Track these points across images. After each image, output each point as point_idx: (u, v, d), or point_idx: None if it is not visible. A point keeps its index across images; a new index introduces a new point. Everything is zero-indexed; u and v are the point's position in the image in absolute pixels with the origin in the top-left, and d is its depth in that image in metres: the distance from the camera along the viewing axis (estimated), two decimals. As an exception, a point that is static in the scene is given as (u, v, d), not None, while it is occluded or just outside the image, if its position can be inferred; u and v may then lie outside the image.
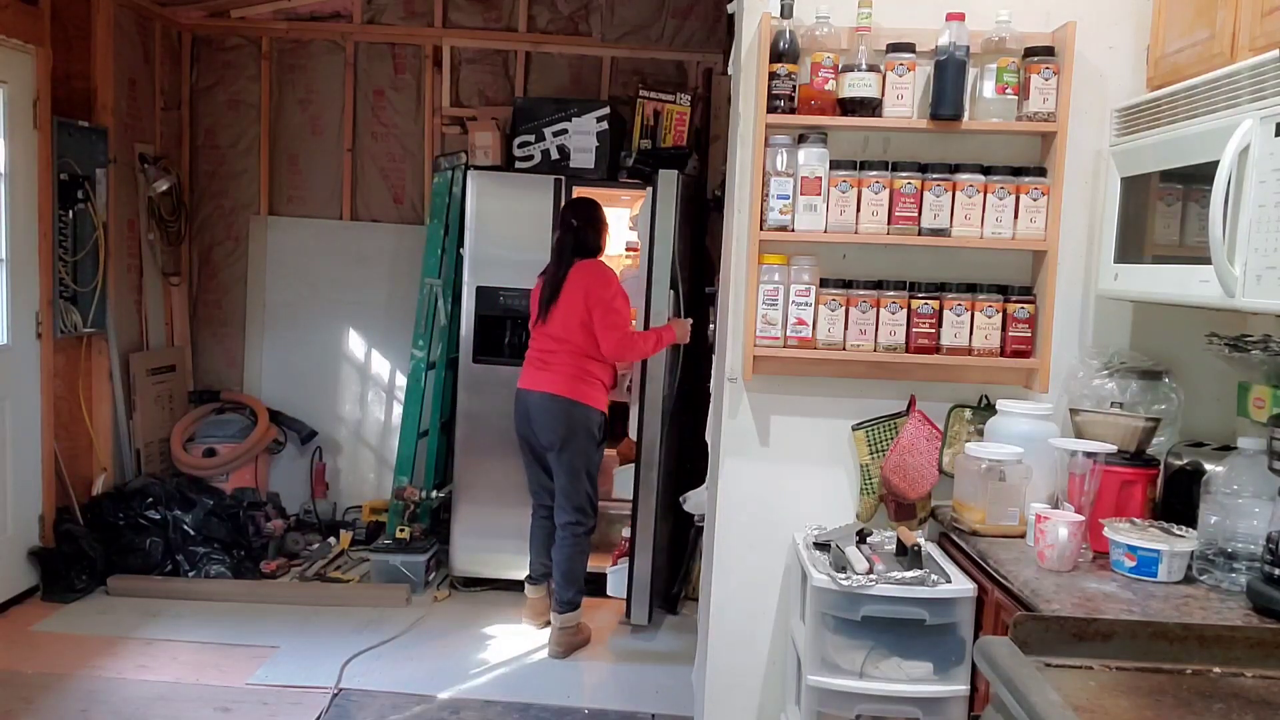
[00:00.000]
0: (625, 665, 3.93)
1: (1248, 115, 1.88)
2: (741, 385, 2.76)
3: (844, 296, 2.63)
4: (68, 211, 4.43)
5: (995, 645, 1.59)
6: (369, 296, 5.40)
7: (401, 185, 5.36)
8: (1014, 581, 2.10)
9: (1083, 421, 2.43)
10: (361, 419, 5.44)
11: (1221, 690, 1.53)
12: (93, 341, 4.69)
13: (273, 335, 5.44)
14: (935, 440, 2.69)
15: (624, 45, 5.16)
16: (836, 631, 2.38)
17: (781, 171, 2.58)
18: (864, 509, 2.76)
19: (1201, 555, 2.08)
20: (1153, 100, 2.33)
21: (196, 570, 4.49)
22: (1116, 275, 2.42)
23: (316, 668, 3.72)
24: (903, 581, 2.32)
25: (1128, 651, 1.62)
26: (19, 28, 4.11)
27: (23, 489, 4.25)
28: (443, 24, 5.26)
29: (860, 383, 2.74)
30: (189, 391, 5.40)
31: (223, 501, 4.81)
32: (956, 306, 2.61)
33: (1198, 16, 2.23)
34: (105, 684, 3.53)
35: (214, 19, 5.30)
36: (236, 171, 5.41)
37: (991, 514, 2.38)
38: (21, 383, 4.24)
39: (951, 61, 2.51)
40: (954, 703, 2.33)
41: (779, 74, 2.55)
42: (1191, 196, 2.12)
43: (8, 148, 4.08)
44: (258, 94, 5.35)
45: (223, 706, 3.42)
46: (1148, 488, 2.32)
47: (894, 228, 2.60)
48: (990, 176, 2.59)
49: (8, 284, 4.14)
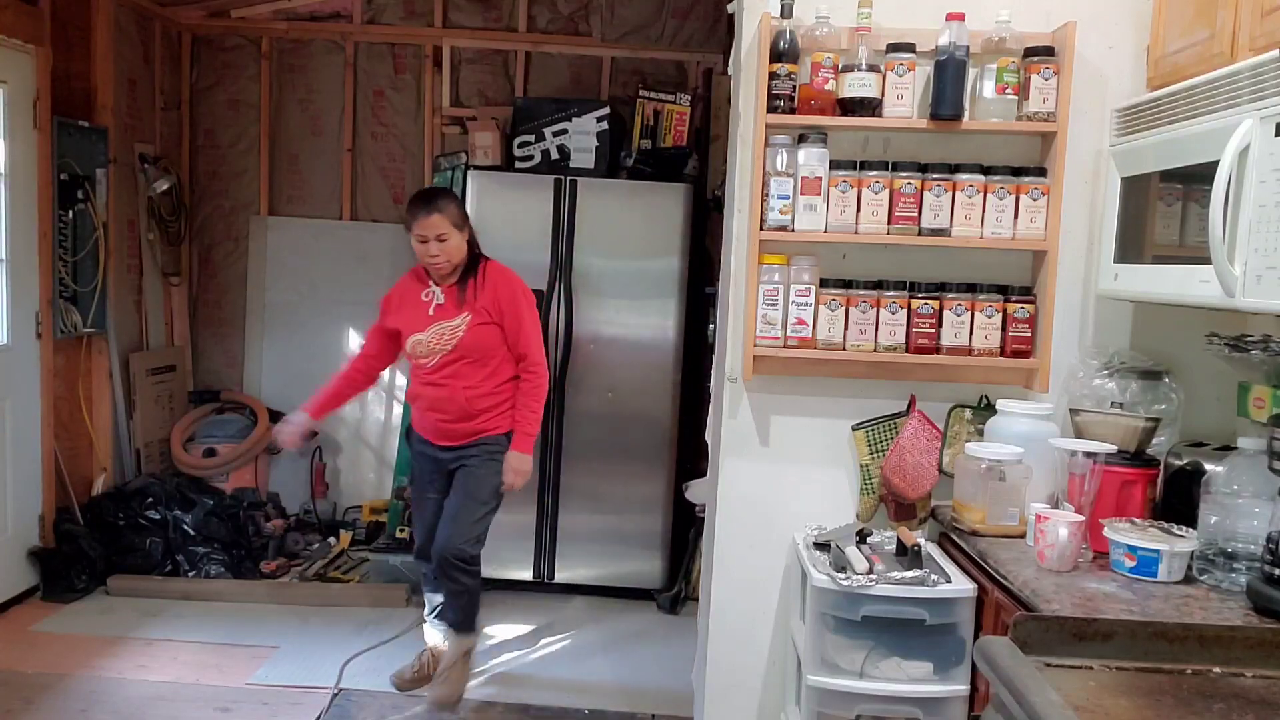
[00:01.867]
0: (625, 665, 3.93)
1: (1248, 115, 1.88)
2: (741, 385, 2.76)
3: (844, 296, 2.63)
4: (68, 211, 4.43)
5: (995, 645, 1.59)
6: (369, 296, 5.33)
7: (401, 185, 5.36)
8: (1014, 581, 2.10)
9: (1083, 421, 2.43)
10: (361, 419, 5.43)
11: (1221, 690, 1.53)
12: (93, 341, 4.69)
13: (273, 335, 5.44)
14: (935, 440, 2.69)
15: (624, 45, 5.16)
16: (836, 631, 2.38)
17: (781, 171, 2.58)
18: (864, 509, 2.76)
19: (1201, 555, 2.08)
20: (1153, 100, 2.32)
21: (196, 570, 4.48)
22: (1116, 275, 2.42)
23: (316, 668, 3.72)
24: (903, 581, 2.32)
25: (1128, 651, 1.62)
26: (19, 28, 4.10)
27: (23, 489, 4.25)
28: (443, 24, 5.26)
29: (860, 383, 2.74)
30: (189, 391, 5.40)
31: (223, 501, 4.81)
32: (956, 306, 2.61)
33: (1198, 16, 2.23)
34: (105, 684, 3.53)
35: (214, 19, 5.30)
36: (236, 171, 5.41)
37: (991, 514, 2.38)
38: (21, 383, 4.24)
39: (951, 61, 2.51)
40: (954, 703, 2.33)
41: (779, 74, 2.55)
42: (1191, 196, 2.12)
43: (8, 148, 4.08)
44: (258, 94, 5.34)
45: (223, 706, 3.42)
46: (1148, 488, 2.32)
47: (894, 228, 2.60)
48: (990, 176, 2.59)
49: (8, 284, 4.14)
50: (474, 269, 3.38)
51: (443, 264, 3.31)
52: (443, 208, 3.28)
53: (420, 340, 3.36)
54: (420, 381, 3.41)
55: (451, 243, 3.29)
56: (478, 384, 3.35)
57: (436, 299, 3.38)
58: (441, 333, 3.34)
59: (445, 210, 3.28)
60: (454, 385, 3.34)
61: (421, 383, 3.40)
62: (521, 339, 3.37)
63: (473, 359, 3.34)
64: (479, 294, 3.35)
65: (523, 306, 3.39)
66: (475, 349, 3.33)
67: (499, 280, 3.39)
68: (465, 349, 3.33)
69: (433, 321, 3.35)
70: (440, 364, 3.35)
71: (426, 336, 3.35)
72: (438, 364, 3.35)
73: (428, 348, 3.35)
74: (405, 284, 3.49)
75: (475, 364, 3.34)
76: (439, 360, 3.34)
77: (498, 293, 3.36)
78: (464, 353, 3.33)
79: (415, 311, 3.40)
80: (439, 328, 3.35)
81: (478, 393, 3.35)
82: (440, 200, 3.31)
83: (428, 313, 3.37)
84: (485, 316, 3.34)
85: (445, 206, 3.29)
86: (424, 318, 3.37)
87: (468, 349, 3.33)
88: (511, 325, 3.36)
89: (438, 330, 3.35)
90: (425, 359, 3.36)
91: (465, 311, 3.34)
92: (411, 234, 3.29)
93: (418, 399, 3.45)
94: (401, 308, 3.44)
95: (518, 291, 3.40)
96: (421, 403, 3.43)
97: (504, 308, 3.35)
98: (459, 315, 3.34)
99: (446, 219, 3.27)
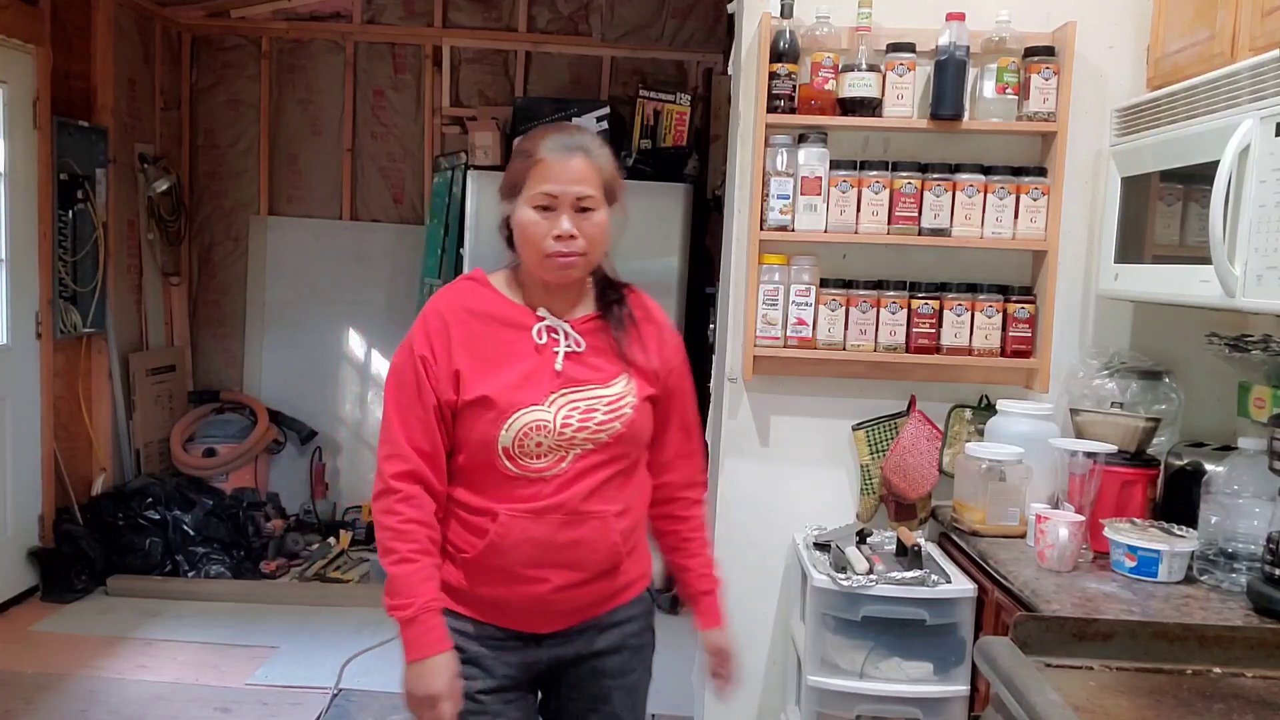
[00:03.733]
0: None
1: (1248, 115, 1.88)
2: (741, 385, 2.76)
3: (844, 296, 2.63)
4: (68, 211, 4.43)
5: (995, 645, 1.59)
6: (369, 296, 5.40)
7: (401, 185, 5.36)
8: (1014, 581, 2.10)
9: (1083, 421, 2.43)
10: (361, 419, 5.43)
11: (1222, 690, 1.53)
12: (92, 341, 4.69)
13: (272, 335, 5.44)
14: (935, 440, 2.69)
15: (624, 45, 5.16)
16: (836, 632, 2.38)
17: (781, 171, 2.58)
18: (864, 509, 2.76)
19: (1202, 555, 2.08)
20: (1153, 100, 2.32)
21: (196, 570, 4.49)
22: (1117, 275, 2.42)
23: (316, 668, 3.72)
24: (903, 582, 2.31)
25: (1128, 652, 1.61)
26: (19, 28, 4.10)
27: (22, 489, 4.25)
28: (443, 24, 5.26)
29: (860, 383, 2.74)
30: (188, 391, 5.40)
31: (222, 502, 4.81)
32: (957, 306, 2.61)
33: (1198, 16, 2.23)
34: (105, 684, 3.53)
35: (214, 19, 5.30)
36: (236, 171, 5.41)
37: (992, 514, 2.38)
38: (21, 383, 4.24)
39: (951, 61, 2.51)
40: (954, 703, 2.33)
41: (779, 74, 2.55)
42: (1192, 196, 2.12)
43: (8, 148, 4.08)
44: (258, 94, 5.34)
45: (222, 707, 3.41)
46: (1148, 488, 2.32)
47: (894, 228, 2.60)
48: (990, 176, 2.58)
49: (8, 284, 4.14)
50: (618, 294, 1.84)
51: (575, 260, 1.71)
52: (595, 152, 1.73)
53: (538, 422, 1.70)
54: (513, 510, 1.71)
55: (597, 219, 1.72)
56: (631, 506, 1.80)
57: (567, 343, 1.75)
58: (580, 406, 1.73)
59: (598, 158, 1.73)
60: (602, 513, 1.74)
61: (518, 513, 1.71)
62: (691, 422, 1.92)
63: (630, 459, 1.78)
64: (645, 342, 1.82)
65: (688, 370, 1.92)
66: (638, 440, 1.79)
67: (663, 322, 1.88)
68: (628, 440, 1.76)
69: (561, 385, 1.73)
70: (574, 472, 1.72)
71: (551, 414, 1.71)
72: (568, 471, 1.72)
73: (554, 438, 1.70)
74: (465, 313, 1.76)
75: (628, 471, 1.79)
76: (572, 463, 1.72)
77: (663, 345, 1.84)
78: (626, 447, 1.76)
79: (518, 364, 1.73)
80: (577, 397, 1.73)
81: (629, 522, 1.79)
82: (591, 140, 1.76)
83: (552, 367, 1.73)
84: (651, 385, 1.80)
85: (599, 152, 1.74)
86: (543, 377, 1.73)
87: (631, 440, 1.77)
88: (680, 402, 1.88)
89: (573, 402, 1.73)
90: (539, 461, 1.71)
91: (625, 372, 1.77)
92: (521, 195, 1.71)
93: (497, 549, 1.72)
94: (484, 357, 1.73)
95: (681, 344, 1.91)
96: (512, 555, 1.72)
97: (674, 368, 1.86)
98: (616, 377, 1.77)
99: (598, 173, 1.72)
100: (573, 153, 1.70)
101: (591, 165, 1.71)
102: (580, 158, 1.70)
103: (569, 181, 1.68)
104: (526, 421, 1.70)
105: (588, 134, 1.77)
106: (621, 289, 1.85)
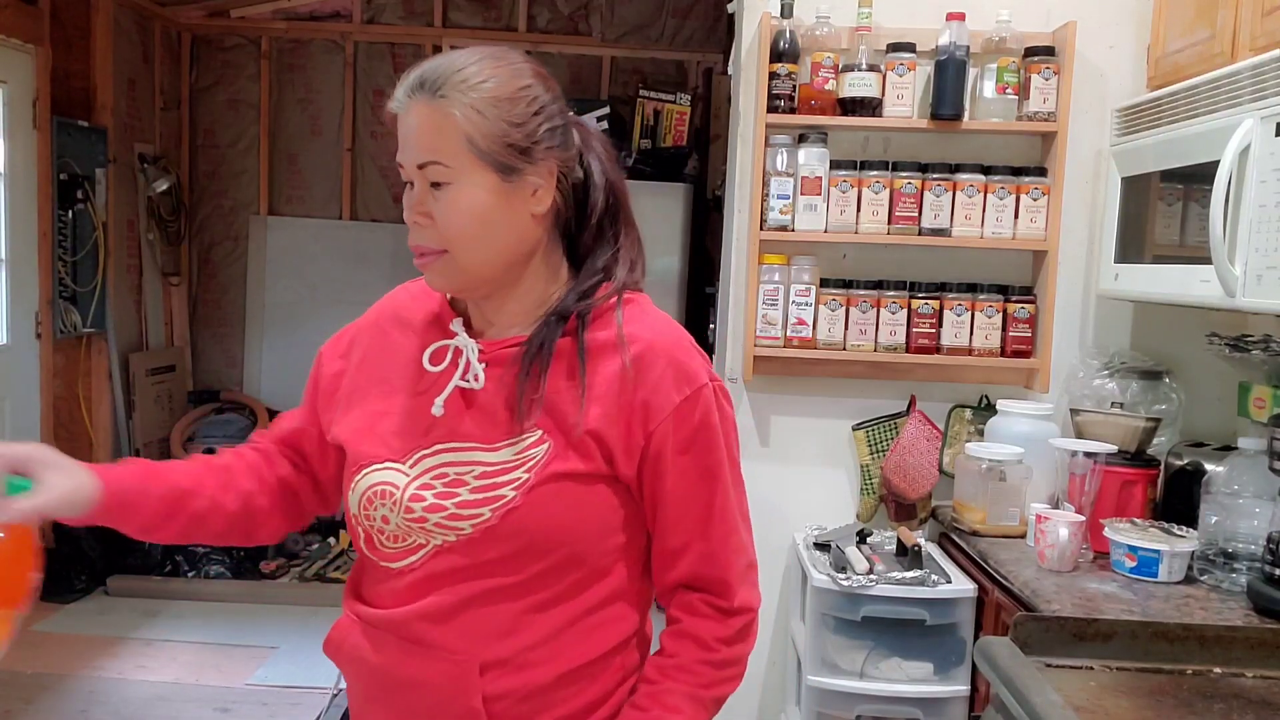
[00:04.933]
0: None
1: (1248, 115, 1.88)
2: (742, 385, 2.75)
3: (844, 296, 2.62)
4: (67, 211, 4.42)
5: (995, 645, 1.59)
6: (369, 296, 5.25)
7: (401, 185, 5.35)
8: (1014, 581, 2.10)
9: (1083, 421, 2.43)
10: (361, 419, 5.43)
11: (1222, 691, 1.53)
12: (92, 341, 4.68)
13: (272, 335, 5.44)
14: (935, 440, 2.69)
15: (624, 45, 5.16)
16: (836, 632, 2.38)
17: (781, 171, 2.57)
18: (864, 509, 2.76)
19: (1202, 555, 2.08)
20: (1153, 100, 2.32)
21: (196, 570, 4.49)
22: (1117, 275, 2.41)
23: (316, 668, 3.71)
24: (903, 582, 2.31)
25: (1128, 652, 1.61)
26: (19, 27, 4.10)
27: (22, 489, 4.25)
28: (443, 24, 5.26)
29: (860, 383, 2.74)
30: (188, 391, 5.40)
31: (222, 501, 4.81)
32: (957, 306, 2.61)
33: (1198, 16, 2.23)
34: (105, 684, 3.53)
35: (214, 19, 5.30)
36: (236, 171, 5.41)
37: (992, 514, 2.38)
38: (21, 383, 4.23)
39: (951, 61, 2.51)
40: (954, 703, 2.33)
41: (779, 74, 2.55)
42: (1192, 196, 2.12)
43: (7, 147, 4.08)
44: (257, 94, 5.35)
45: (222, 707, 3.41)
46: (1148, 488, 2.32)
47: (894, 228, 2.60)
48: (990, 176, 2.58)
49: (7, 284, 4.14)
50: (574, 306, 1.19)
51: (428, 259, 1.20)
52: (448, 90, 1.11)
53: (384, 486, 1.16)
54: (354, 614, 1.23)
55: (451, 197, 1.16)
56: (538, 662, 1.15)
57: (463, 377, 1.17)
58: (448, 475, 1.15)
59: (454, 97, 1.11)
60: (458, 655, 1.13)
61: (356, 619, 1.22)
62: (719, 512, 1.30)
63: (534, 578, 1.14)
64: (594, 389, 1.14)
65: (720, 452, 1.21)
66: (536, 547, 1.13)
67: (658, 367, 1.16)
68: (512, 542, 1.12)
69: (436, 440, 1.17)
70: (425, 574, 1.15)
71: (405, 479, 1.16)
72: (418, 570, 1.15)
73: (400, 515, 1.15)
74: (392, 319, 1.41)
75: (543, 600, 1.14)
76: (426, 559, 1.15)
77: (636, 403, 1.14)
78: (509, 554, 1.12)
79: (391, 398, 1.24)
80: (449, 460, 1.15)
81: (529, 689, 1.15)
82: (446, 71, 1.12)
83: (429, 409, 1.17)
84: (583, 457, 1.13)
85: (459, 87, 1.11)
86: (414, 421, 1.19)
87: (520, 544, 1.12)
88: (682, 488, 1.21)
89: (441, 466, 1.15)
90: (391, 545, 1.17)
91: (530, 432, 1.14)
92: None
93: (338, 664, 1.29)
94: (374, 380, 1.30)
95: (696, 405, 1.16)
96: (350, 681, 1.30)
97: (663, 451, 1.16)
98: (510, 437, 1.14)
99: (451, 122, 1.11)
100: (412, 97, 1.12)
101: (436, 111, 1.10)
102: (421, 104, 1.12)
103: (406, 144, 1.16)
104: (372, 484, 1.16)
105: (449, 60, 1.13)
106: (592, 300, 1.19)
